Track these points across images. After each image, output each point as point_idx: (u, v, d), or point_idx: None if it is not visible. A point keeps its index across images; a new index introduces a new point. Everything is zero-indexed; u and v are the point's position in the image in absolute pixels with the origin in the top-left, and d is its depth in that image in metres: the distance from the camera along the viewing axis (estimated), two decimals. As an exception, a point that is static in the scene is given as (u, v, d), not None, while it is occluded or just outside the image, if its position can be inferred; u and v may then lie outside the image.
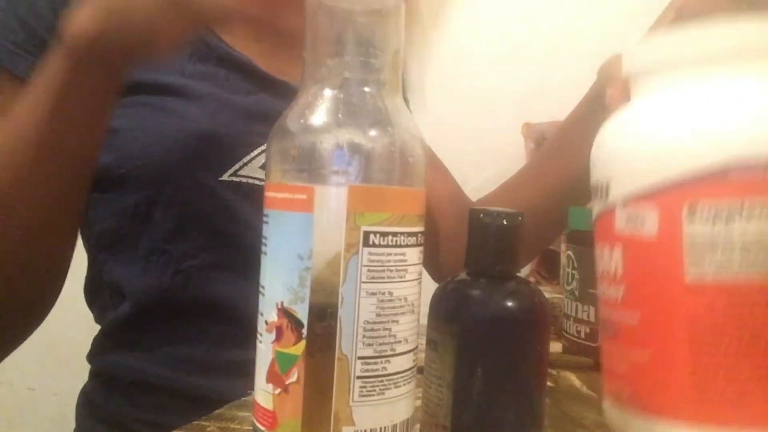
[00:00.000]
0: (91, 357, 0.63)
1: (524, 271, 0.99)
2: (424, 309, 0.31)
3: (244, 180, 0.57)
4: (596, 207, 0.31)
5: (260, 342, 0.28)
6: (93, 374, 0.64)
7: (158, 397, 0.58)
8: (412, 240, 0.27)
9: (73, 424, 0.64)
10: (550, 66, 0.99)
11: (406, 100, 0.85)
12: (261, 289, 0.28)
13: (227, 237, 0.57)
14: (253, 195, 0.57)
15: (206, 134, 0.54)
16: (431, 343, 0.32)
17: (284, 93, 0.49)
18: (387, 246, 0.26)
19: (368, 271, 0.26)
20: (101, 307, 0.62)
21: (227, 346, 0.57)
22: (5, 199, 0.46)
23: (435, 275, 0.70)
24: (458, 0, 1.16)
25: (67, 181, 0.50)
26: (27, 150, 0.47)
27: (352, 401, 0.26)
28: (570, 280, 0.55)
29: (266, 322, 0.27)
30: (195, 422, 0.38)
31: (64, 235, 0.52)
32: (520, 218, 0.32)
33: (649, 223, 0.27)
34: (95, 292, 0.62)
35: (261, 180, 0.58)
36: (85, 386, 0.64)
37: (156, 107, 0.56)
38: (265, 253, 0.28)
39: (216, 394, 0.53)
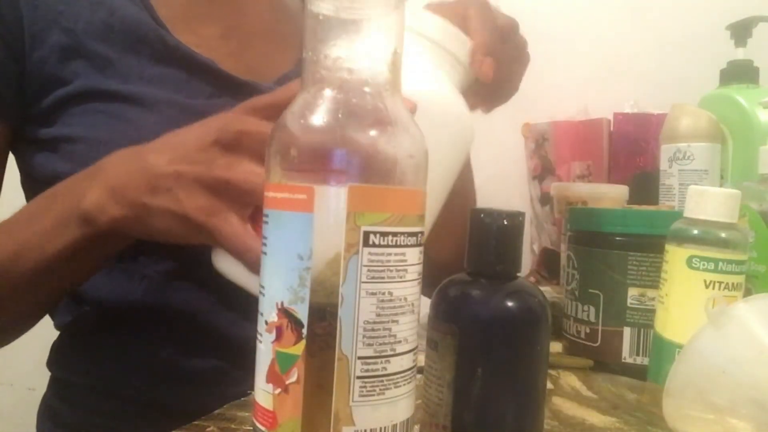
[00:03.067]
0: (51, 363, 0.62)
1: (524, 271, 0.99)
2: (425, 309, 0.31)
3: None
4: None
5: (260, 342, 0.28)
6: (52, 381, 0.62)
7: (117, 404, 0.57)
8: (412, 240, 0.27)
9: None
10: (550, 66, 0.99)
11: None
12: (261, 289, 0.28)
13: (191, 246, 0.56)
14: None
15: None
16: (431, 343, 0.32)
17: (250, 94, 0.45)
18: (387, 246, 0.26)
19: (368, 271, 0.26)
20: (53, 312, 0.61)
21: (187, 354, 0.56)
22: None
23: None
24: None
25: (41, 300, 0.53)
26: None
27: (352, 401, 0.26)
28: (570, 280, 0.55)
29: (266, 322, 0.27)
30: (195, 422, 0.38)
31: (34, 318, 0.56)
32: (520, 218, 0.32)
33: None
34: None
35: None
36: (45, 394, 0.63)
37: (112, 115, 0.55)
38: (265, 253, 0.28)
39: (175, 403, 0.51)
